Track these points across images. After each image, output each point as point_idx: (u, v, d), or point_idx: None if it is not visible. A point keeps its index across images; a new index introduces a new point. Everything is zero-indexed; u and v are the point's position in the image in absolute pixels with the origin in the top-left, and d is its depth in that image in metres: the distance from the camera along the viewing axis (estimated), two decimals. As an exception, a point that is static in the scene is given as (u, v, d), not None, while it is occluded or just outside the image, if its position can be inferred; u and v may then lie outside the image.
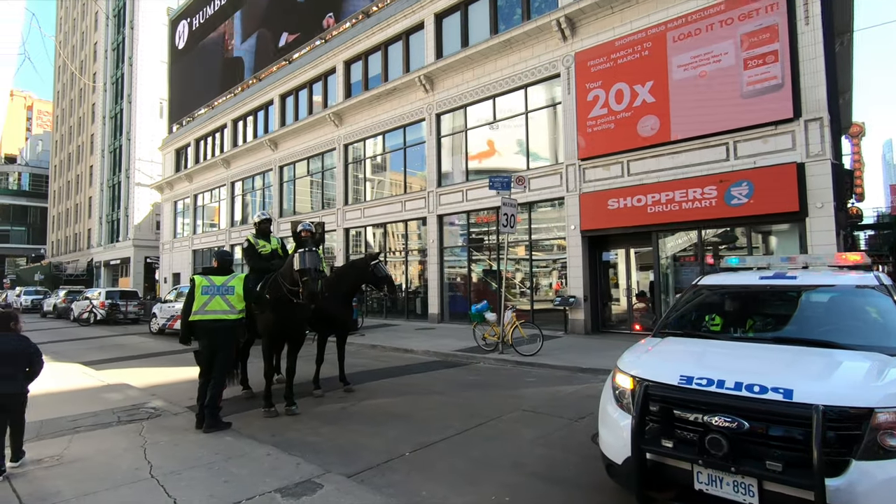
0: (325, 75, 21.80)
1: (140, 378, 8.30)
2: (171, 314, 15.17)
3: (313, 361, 7.23)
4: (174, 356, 10.94)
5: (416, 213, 17.46)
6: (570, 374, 8.25)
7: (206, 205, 30.13)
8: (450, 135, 16.90)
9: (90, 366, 9.43)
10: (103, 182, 43.72)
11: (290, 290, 5.75)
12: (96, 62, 46.21)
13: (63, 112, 56.33)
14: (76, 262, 48.54)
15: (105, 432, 5.04)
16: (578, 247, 12.98)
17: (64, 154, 54.96)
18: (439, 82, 16.72)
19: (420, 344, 11.56)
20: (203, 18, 30.29)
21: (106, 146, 43.50)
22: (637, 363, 3.35)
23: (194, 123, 30.88)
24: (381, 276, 6.98)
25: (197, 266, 29.43)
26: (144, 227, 38.68)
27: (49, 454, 4.36)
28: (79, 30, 51.50)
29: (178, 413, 5.77)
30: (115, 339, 15.22)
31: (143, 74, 39.02)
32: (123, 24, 41.80)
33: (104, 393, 6.91)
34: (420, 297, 17.75)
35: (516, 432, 5.19)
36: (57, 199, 56.92)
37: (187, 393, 6.83)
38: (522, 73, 14.44)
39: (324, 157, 21.82)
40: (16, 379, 4.00)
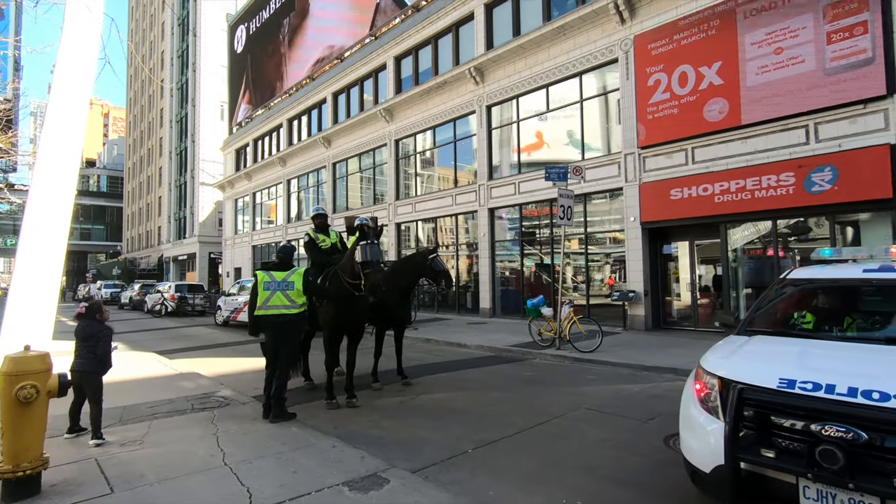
0: (375, 72, 22.05)
1: (209, 367, 8.70)
2: (234, 307, 15.88)
3: (371, 355, 7.29)
4: (239, 347, 11.43)
5: (467, 207, 17.34)
6: (634, 373, 7.89)
7: (264, 202, 31.37)
8: (500, 127, 16.64)
9: (164, 355, 10.00)
10: (171, 182, 46.52)
11: (351, 284, 5.80)
12: (163, 70, 49.11)
13: (135, 118, 60.35)
14: (148, 257, 52.03)
15: (180, 419, 5.28)
16: (638, 239, 12.42)
17: (136, 157, 58.92)
18: (490, 73, 16.47)
19: (473, 338, 11.47)
20: (259, 22, 31.40)
21: (173, 148, 46.23)
22: (725, 364, 3.08)
23: (252, 124, 32.16)
24: (438, 270, 6.92)
25: (256, 261, 30.75)
26: (208, 225, 40.81)
27: (132, 438, 4.61)
28: (147, 39, 54.91)
29: (246, 402, 5.97)
30: (185, 329, 16.13)
31: (205, 79, 41.06)
32: (187, 32, 44.12)
33: (178, 381, 7.27)
34: (471, 292, 17.66)
35: (581, 432, 4.99)
36: (131, 199, 61.18)
37: (252, 383, 7.08)
38: (577, 60, 13.95)
39: (375, 153, 22.11)
40: (92, 358, 4.54)
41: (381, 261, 5.70)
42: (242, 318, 15.41)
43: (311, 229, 7.15)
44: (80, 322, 4.77)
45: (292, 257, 5.75)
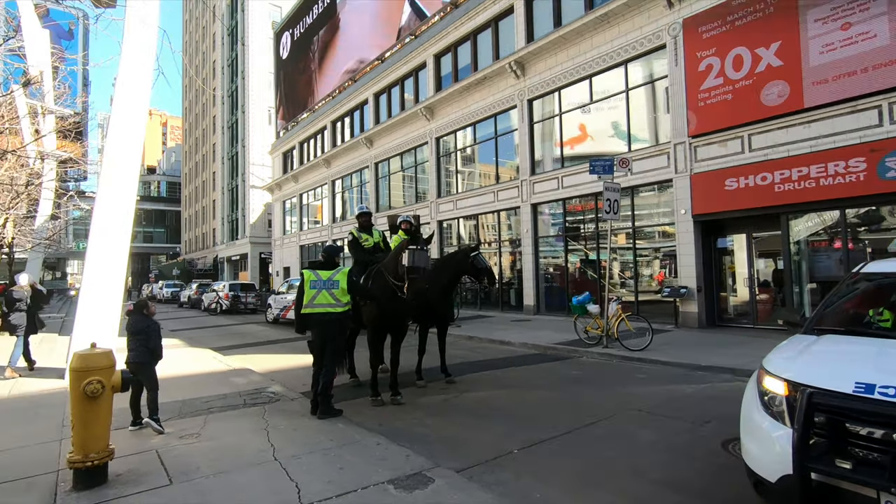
0: (415, 71, 22.16)
1: (260, 364, 9.02)
2: (284, 305, 16.42)
3: (415, 352, 7.32)
4: (288, 344, 11.80)
5: (509, 203, 17.15)
6: (687, 372, 7.54)
7: (310, 203, 32.27)
8: (542, 120, 16.33)
9: (219, 351, 10.46)
10: (224, 186, 48.68)
11: (394, 284, 5.84)
12: (215, 78, 51.41)
13: (190, 126, 63.55)
14: (204, 258, 54.74)
15: (233, 414, 5.48)
16: (690, 233, 11.86)
17: (192, 163, 62.05)
18: (531, 66, 16.18)
19: (517, 336, 11.33)
20: (303, 28, 32.25)
21: (225, 154, 48.35)
22: (791, 365, 2.86)
23: (298, 127, 33.12)
24: (480, 267, 6.86)
25: (304, 260, 31.69)
26: (258, 226, 42.43)
27: (189, 432, 4.83)
28: (200, 50, 57.63)
29: (295, 399, 6.13)
30: (238, 327, 16.83)
31: (254, 86, 42.64)
32: (236, 41, 45.96)
33: (231, 377, 7.58)
34: (514, 289, 17.47)
35: (632, 434, 4.80)
36: (188, 203, 64.53)
37: (301, 379, 7.27)
38: (622, 49, 13.46)
39: (416, 151, 22.25)
40: (141, 352, 4.94)
41: (427, 267, 5.76)
42: (291, 315, 15.89)
43: (354, 228, 7.26)
44: (130, 318, 5.14)
45: (337, 256, 5.86)
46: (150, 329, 5.05)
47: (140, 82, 7.83)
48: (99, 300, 7.39)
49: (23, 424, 5.31)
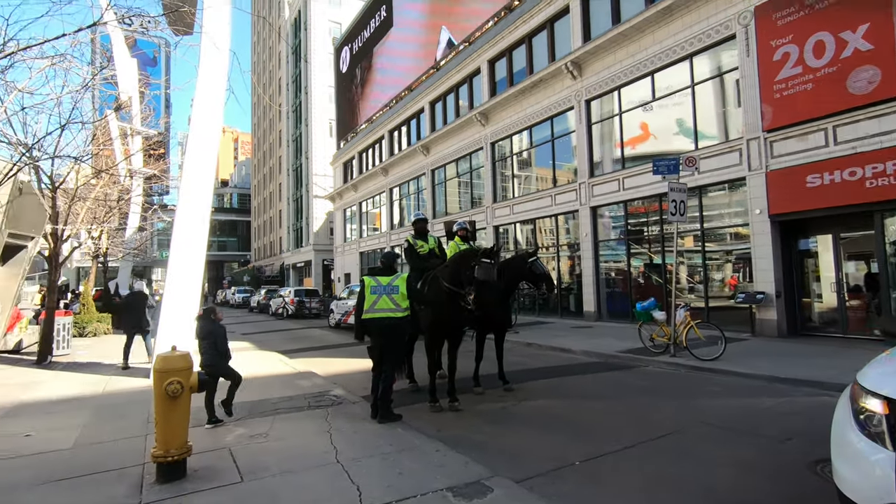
0: (470, 77, 22.27)
1: (323, 367, 9.34)
2: (345, 310, 16.94)
3: (472, 358, 7.29)
4: (349, 348, 12.14)
5: (567, 207, 16.77)
6: (765, 385, 6.99)
7: (369, 211, 33.20)
8: (601, 121, 15.86)
9: (285, 354, 10.94)
10: (289, 196, 51.17)
11: (452, 291, 5.86)
12: (281, 95, 54.30)
13: (258, 140, 67.45)
14: (272, 265, 57.70)
15: (299, 416, 5.70)
16: (766, 234, 11.04)
17: (260, 175, 65.76)
18: (588, 66, 15.79)
19: (578, 343, 11.01)
20: (361, 42, 33.39)
21: (290, 166, 50.85)
22: (892, 381, 2.56)
23: (357, 138, 34.24)
24: (539, 273, 6.73)
25: (364, 267, 32.61)
26: (321, 234, 44.18)
27: (259, 432, 5.07)
28: (267, 69, 61.13)
29: (356, 402, 6.29)
30: (302, 331, 17.55)
31: (316, 100, 44.60)
32: (300, 59, 48.35)
33: (296, 380, 7.90)
34: (574, 294, 17.02)
35: (703, 450, 4.50)
36: (257, 214, 68.37)
37: (362, 383, 7.44)
38: (686, 42, 12.83)
39: (471, 157, 22.31)
40: (213, 355, 5.40)
41: (492, 281, 5.86)
42: (352, 320, 16.34)
43: (410, 235, 7.38)
44: (199, 323, 5.58)
45: (395, 262, 5.96)
46: (216, 333, 5.47)
47: (214, 102, 8.41)
48: (179, 305, 7.97)
49: (115, 420, 5.80)
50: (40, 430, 5.40)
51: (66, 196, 11.50)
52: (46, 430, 5.37)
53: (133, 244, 22.52)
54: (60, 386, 7.92)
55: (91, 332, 15.08)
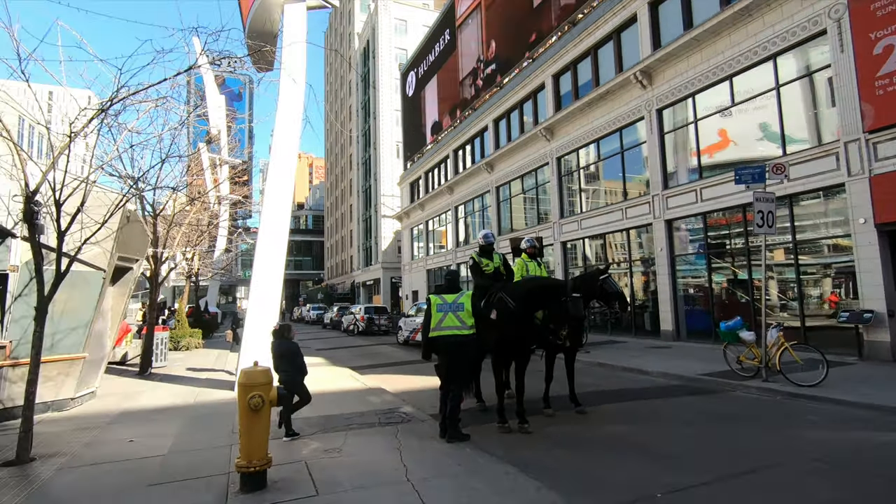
0: (534, 93, 22.19)
1: (392, 384, 9.50)
2: (413, 327, 17.19)
3: (542, 378, 7.10)
4: (417, 365, 12.26)
5: (639, 221, 16.06)
6: (878, 416, 6.18)
7: (436, 229, 33.72)
8: (673, 130, 15.14)
9: (356, 370, 11.26)
10: (359, 217, 53.26)
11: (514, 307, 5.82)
12: (351, 120, 57.10)
13: (331, 164, 71.11)
14: (343, 283, 60.01)
15: (370, 432, 5.82)
16: (873, 245, 9.90)
17: (333, 197, 69.09)
18: (658, 75, 15.20)
19: (655, 364, 10.39)
20: (426, 66, 34.45)
21: (360, 187, 53.04)
22: None
23: (423, 158, 35.10)
24: (611, 291, 6.45)
25: (431, 284, 33.04)
26: (389, 252, 45.44)
27: (333, 446, 5.23)
28: (339, 97, 64.63)
29: (424, 420, 6.31)
30: (372, 347, 18.00)
31: (383, 124, 46.42)
32: (369, 86, 50.71)
33: (367, 396, 8.09)
34: (649, 312, 16.15)
35: (806, 488, 4.04)
36: (329, 234, 71.71)
37: (430, 401, 7.48)
38: (768, 42, 12.00)
39: (536, 173, 22.09)
40: (291, 371, 5.69)
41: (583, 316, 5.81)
42: (420, 337, 16.57)
43: (475, 253, 7.36)
44: (274, 342, 5.88)
45: (458, 280, 6.00)
46: (292, 351, 5.80)
47: (291, 132, 8.99)
48: (261, 322, 8.48)
49: (204, 429, 6.23)
50: (141, 436, 5.92)
51: (165, 222, 12.72)
52: (146, 437, 5.87)
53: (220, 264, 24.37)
54: (158, 396, 8.66)
55: (184, 346, 16.41)
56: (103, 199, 6.76)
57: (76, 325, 7.48)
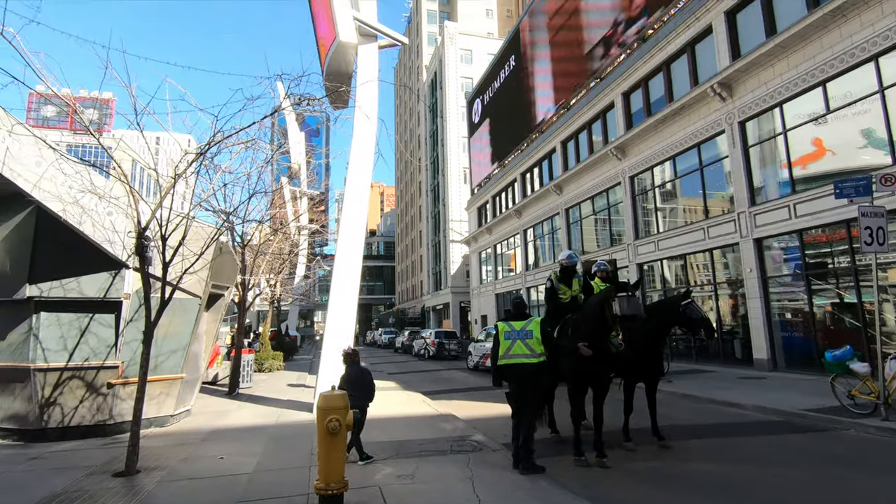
0: (603, 112, 21.76)
1: (463, 410, 9.42)
2: (483, 353, 17.05)
3: (621, 409, 6.72)
4: (488, 392, 12.10)
5: (724, 240, 15.00)
6: None
7: (504, 253, 33.56)
8: (759, 143, 14.13)
9: (427, 395, 11.31)
10: (428, 242, 54.34)
11: (595, 334, 5.56)
12: (420, 149, 59.01)
13: (401, 192, 73.58)
14: (414, 307, 61.05)
15: (441, 459, 5.79)
16: None
17: (403, 224, 71.19)
18: (739, 85, 14.36)
19: (748, 397, 9.49)
20: (491, 93, 35.02)
21: (429, 213, 54.27)
22: None
23: (490, 183, 35.34)
24: (695, 318, 6.04)
25: (500, 309, 32.74)
26: (458, 277, 45.76)
27: (405, 472, 5.25)
28: (408, 128, 67.21)
29: (497, 450, 6.18)
30: (442, 372, 18.03)
31: (451, 151, 47.51)
32: (436, 115, 52.34)
33: (438, 422, 8.08)
34: (739, 339, 14.88)
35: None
36: (400, 259, 73.66)
37: (502, 430, 7.32)
38: (867, 42, 10.98)
39: (608, 193, 21.44)
40: (362, 396, 5.83)
41: (640, 314, 5.40)
42: (490, 363, 16.39)
43: (554, 274, 6.93)
44: (347, 368, 6.12)
45: (525, 307, 5.83)
46: (363, 376, 6.04)
47: (365, 165, 9.46)
48: (337, 345, 8.82)
49: (285, 450, 6.52)
50: (230, 453, 6.30)
51: (252, 251, 13.73)
52: (235, 455, 6.24)
53: (300, 290, 25.76)
54: (244, 415, 9.20)
55: (267, 367, 17.39)
56: (200, 232, 7.46)
57: (176, 348, 8.19)
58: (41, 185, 6.31)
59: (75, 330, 7.41)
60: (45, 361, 7.16)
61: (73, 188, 6.51)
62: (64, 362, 7.26)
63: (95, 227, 6.87)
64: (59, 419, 7.29)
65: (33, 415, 7.18)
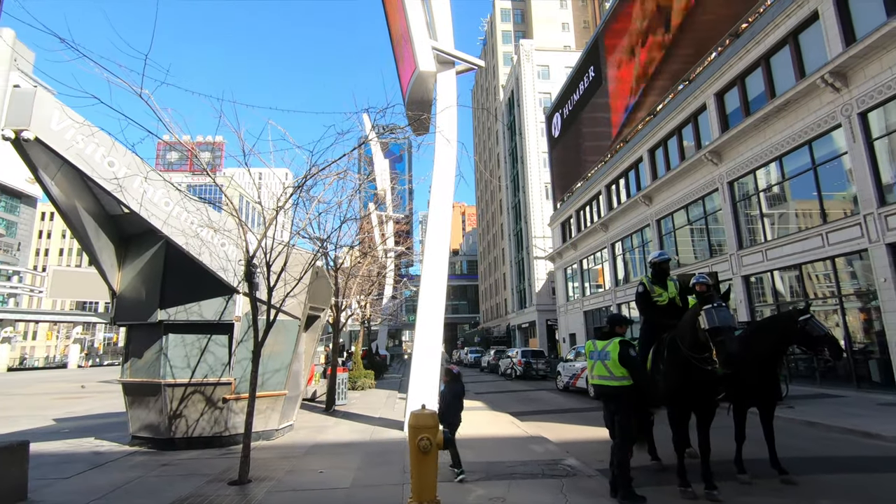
0: (693, 116, 20.48)
1: (553, 432, 9.11)
2: (573, 373, 16.43)
3: (731, 436, 6.11)
4: (580, 414, 11.62)
5: (848, 246, 13.28)
6: None
7: (591, 268, 32.36)
8: (887, 134, 12.45)
9: (515, 416, 11.09)
10: (511, 260, 53.92)
11: (692, 357, 5.14)
12: (499, 168, 59.24)
13: (482, 211, 74.10)
14: (499, 325, 60.56)
15: (533, 484, 5.63)
16: None
17: (485, 242, 71.45)
18: (856, 73, 12.83)
19: (890, 427, 8.19)
20: (571, 106, 34.40)
21: (510, 231, 54.00)
22: None
23: (573, 197, 34.47)
24: (816, 335, 5.37)
25: (589, 326, 31.46)
26: (543, 294, 44.76)
27: (496, 495, 5.18)
28: (487, 147, 67.90)
29: (592, 476, 5.89)
30: (530, 392, 17.60)
31: (531, 167, 47.14)
32: (514, 133, 52.42)
33: (528, 444, 7.88)
34: (876, 359, 12.96)
35: None
36: (483, 278, 73.77)
37: (597, 454, 6.98)
38: None
39: (704, 201, 19.98)
40: (455, 413, 6.11)
41: (733, 326, 4.87)
42: (580, 384, 15.74)
43: (646, 277, 6.36)
44: (447, 385, 6.32)
45: (619, 325, 5.50)
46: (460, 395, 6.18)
47: (446, 187, 9.71)
48: (425, 365, 9.00)
49: (379, 466, 6.72)
50: (329, 468, 6.62)
51: (343, 275, 14.53)
52: (333, 469, 6.55)
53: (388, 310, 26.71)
54: (341, 431, 9.64)
55: (360, 385, 18.11)
56: (299, 258, 8.07)
57: (279, 367, 8.84)
58: (169, 221, 7.23)
59: (196, 349, 8.28)
60: (173, 377, 8.07)
61: (193, 223, 7.38)
62: (187, 378, 8.13)
63: (212, 257, 7.70)
64: (185, 430, 8.14)
65: (164, 425, 8.09)
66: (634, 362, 5.24)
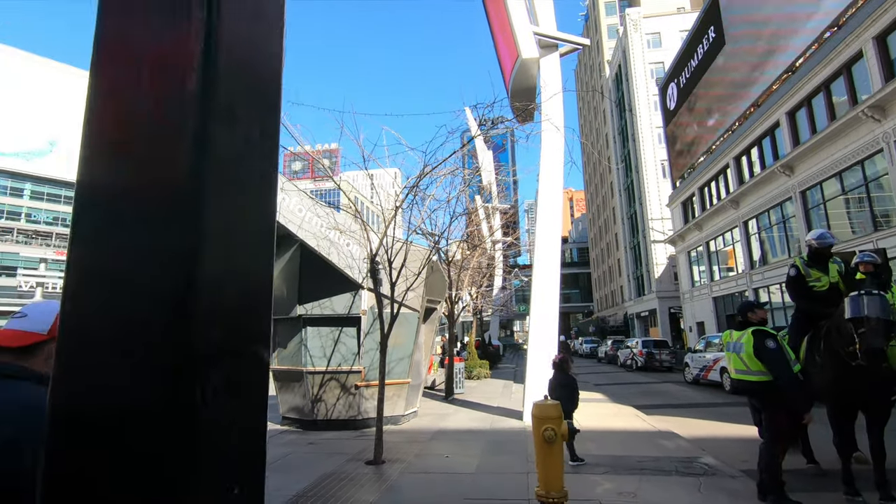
0: (845, 67, 17.51)
1: (685, 428, 8.51)
2: (703, 364, 15.16)
3: (910, 441, 5.23)
4: (715, 409, 10.71)
5: None
6: None
7: (719, 250, 29.37)
8: None
9: (640, 409, 10.55)
10: (626, 245, 50.93)
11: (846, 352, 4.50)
12: (608, 148, 56.14)
13: (591, 195, 70.96)
14: (615, 314, 57.70)
15: (666, 480, 5.35)
16: None
17: (596, 228, 68.39)
18: None
19: None
20: (688, 73, 31.35)
21: (624, 214, 50.98)
22: None
23: (695, 173, 31.49)
24: None
25: (720, 314, 28.68)
26: (664, 280, 41.66)
27: (627, 490, 5.02)
28: (593, 128, 64.73)
29: (735, 476, 5.42)
30: (654, 385, 16.57)
31: (644, 145, 43.96)
32: (624, 110, 49.23)
33: (656, 439, 7.47)
34: None
35: None
36: (595, 265, 70.74)
37: (738, 454, 6.41)
38: None
39: (863, 165, 17.04)
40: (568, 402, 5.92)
41: (885, 317, 4.16)
42: (713, 376, 14.48)
43: (799, 259, 5.58)
44: (554, 375, 6.31)
45: (751, 312, 4.94)
46: (571, 384, 6.15)
47: (555, 175, 9.51)
48: (542, 354, 8.95)
49: (501, 454, 6.86)
50: (453, 453, 6.93)
51: (455, 268, 14.94)
52: (457, 455, 6.84)
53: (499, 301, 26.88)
54: (461, 419, 9.99)
55: (476, 375, 18.53)
56: (416, 254, 8.49)
57: (402, 356, 9.41)
58: (303, 226, 8.05)
59: (330, 341, 9.14)
60: (313, 366, 9.00)
61: (322, 227, 8.13)
62: (324, 367, 9.02)
63: (340, 256, 8.42)
64: (325, 412, 9.05)
65: (307, 408, 9.08)
66: (771, 355, 4.64)
